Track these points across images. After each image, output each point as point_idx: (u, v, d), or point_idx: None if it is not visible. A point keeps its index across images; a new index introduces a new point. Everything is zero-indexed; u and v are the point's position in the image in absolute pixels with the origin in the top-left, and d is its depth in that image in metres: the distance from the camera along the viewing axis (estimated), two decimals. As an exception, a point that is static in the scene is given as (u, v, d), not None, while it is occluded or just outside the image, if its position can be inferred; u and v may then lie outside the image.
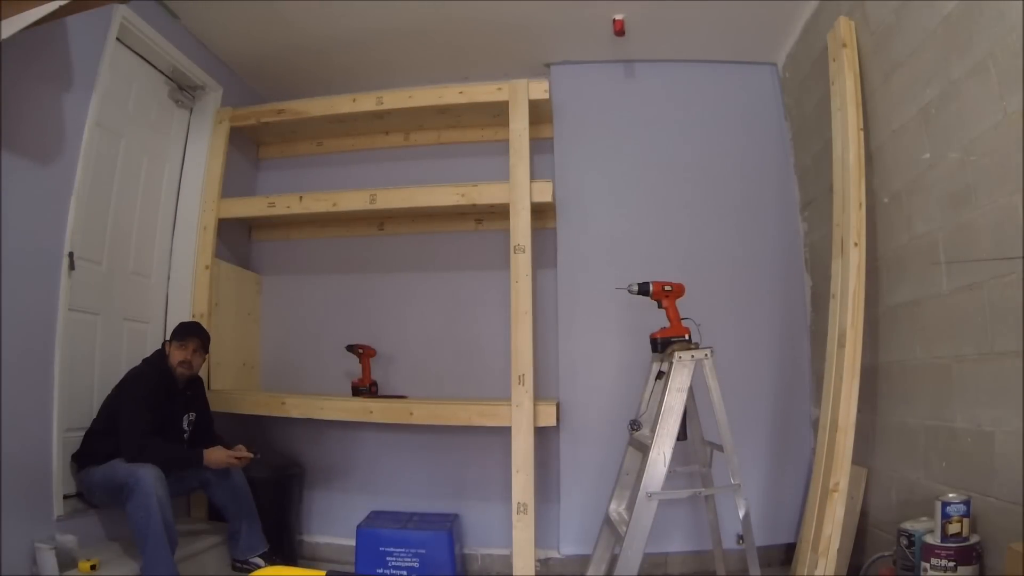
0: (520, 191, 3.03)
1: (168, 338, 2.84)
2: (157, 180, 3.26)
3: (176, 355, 2.77)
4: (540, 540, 3.07)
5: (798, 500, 3.11)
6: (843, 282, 2.54)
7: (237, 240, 3.77)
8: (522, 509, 2.79)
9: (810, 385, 3.30)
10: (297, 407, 3.16)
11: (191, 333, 2.83)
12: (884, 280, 2.60)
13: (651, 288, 2.60)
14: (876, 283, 2.61)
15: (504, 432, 2.91)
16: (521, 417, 2.84)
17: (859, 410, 2.43)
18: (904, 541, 2.12)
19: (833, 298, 2.62)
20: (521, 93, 3.14)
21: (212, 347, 3.24)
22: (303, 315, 3.79)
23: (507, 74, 3.42)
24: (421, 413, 3.00)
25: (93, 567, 2.26)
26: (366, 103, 3.34)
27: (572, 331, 3.40)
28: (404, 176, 3.62)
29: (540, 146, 3.50)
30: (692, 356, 2.40)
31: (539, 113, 3.15)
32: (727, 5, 3.12)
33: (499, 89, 3.20)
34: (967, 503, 1.94)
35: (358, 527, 3.08)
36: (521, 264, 2.95)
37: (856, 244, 2.52)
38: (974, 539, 1.93)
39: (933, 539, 1.97)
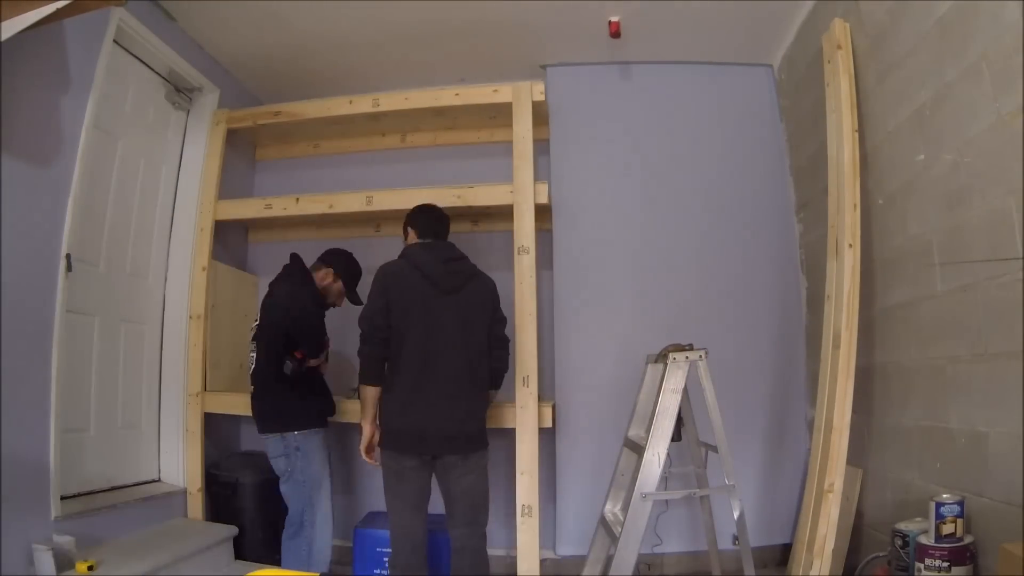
0: (524, 193, 3.03)
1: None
2: (154, 182, 3.27)
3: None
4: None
5: (794, 501, 3.12)
6: (838, 283, 2.54)
7: (234, 242, 3.77)
8: (527, 511, 2.78)
9: (806, 386, 3.30)
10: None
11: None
12: (879, 281, 2.61)
13: None
14: (871, 284, 2.62)
15: (500, 433, 2.91)
16: (526, 419, 2.84)
17: (854, 411, 2.44)
18: (898, 541, 2.13)
19: (828, 299, 2.63)
20: (524, 95, 3.14)
21: (209, 348, 3.25)
22: (300, 316, 3.79)
23: (503, 76, 3.42)
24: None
25: (91, 568, 2.26)
26: (362, 105, 3.34)
27: (568, 332, 3.40)
28: (400, 178, 3.62)
29: (536, 148, 3.50)
30: (686, 357, 2.41)
31: (535, 115, 3.16)
32: (723, 7, 3.13)
33: (495, 91, 3.20)
34: (961, 503, 1.95)
35: (356, 528, 3.08)
36: (525, 265, 2.96)
37: (851, 245, 2.53)
38: (968, 539, 1.94)
39: (927, 539, 1.98)
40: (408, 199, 3.20)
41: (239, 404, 3.26)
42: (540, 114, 3.32)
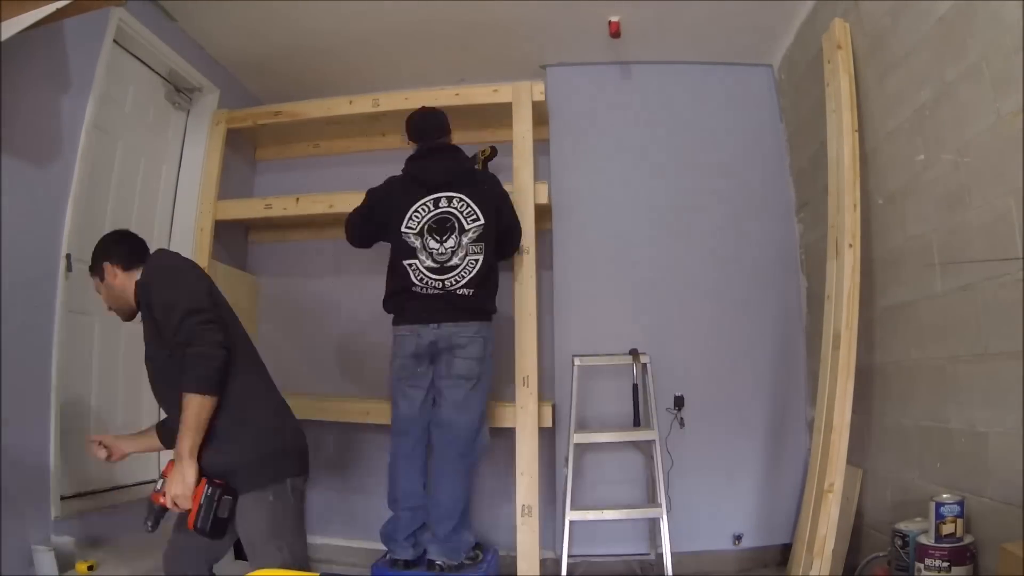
0: (524, 193, 3.03)
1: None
2: (154, 182, 3.26)
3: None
4: (539, 540, 3.07)
5: (794, 501, 3.11)
6: (838, 283, 2.54)
7: (234, 242, 3.77)
8: (527, 511, 2.78)
9: (806, 386, 3.30)
10: (295, 408, 3.14)
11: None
12: (879, 281, 2.61)
13: None
14: (871, 284, 2.62)
15: (500, 433, 2.92)
16: (526, 419, 2.84)
17: (854, 411, 2.44)
18: (898, 541, 2.13)
19: (828, 299, 2.63)
20: (524, 95, 3.15)
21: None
22: (300, 317, 3.79)
23: (503, 76, 3.42)
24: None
25: (90, 568, 2.26)
26: (362, 105, 3.34)
27: (568, 332, 3.40)
28: (401, 178, 3.61)
29: (536, 148, 3.50)
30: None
31: (535, 115, 3.16)
32: (723, 7, 3.12)
33: (495, 91, 3.21)
34: (961, 503, 1.95)
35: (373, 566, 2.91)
36: (525, 266, 2.96)
37: (851, 245, 2.53)
38: (968, 539, 1.94)
39: (927, 539, 1.98)
40: (408, 199, 3.21)
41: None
42: (540, 114, 3.32)
